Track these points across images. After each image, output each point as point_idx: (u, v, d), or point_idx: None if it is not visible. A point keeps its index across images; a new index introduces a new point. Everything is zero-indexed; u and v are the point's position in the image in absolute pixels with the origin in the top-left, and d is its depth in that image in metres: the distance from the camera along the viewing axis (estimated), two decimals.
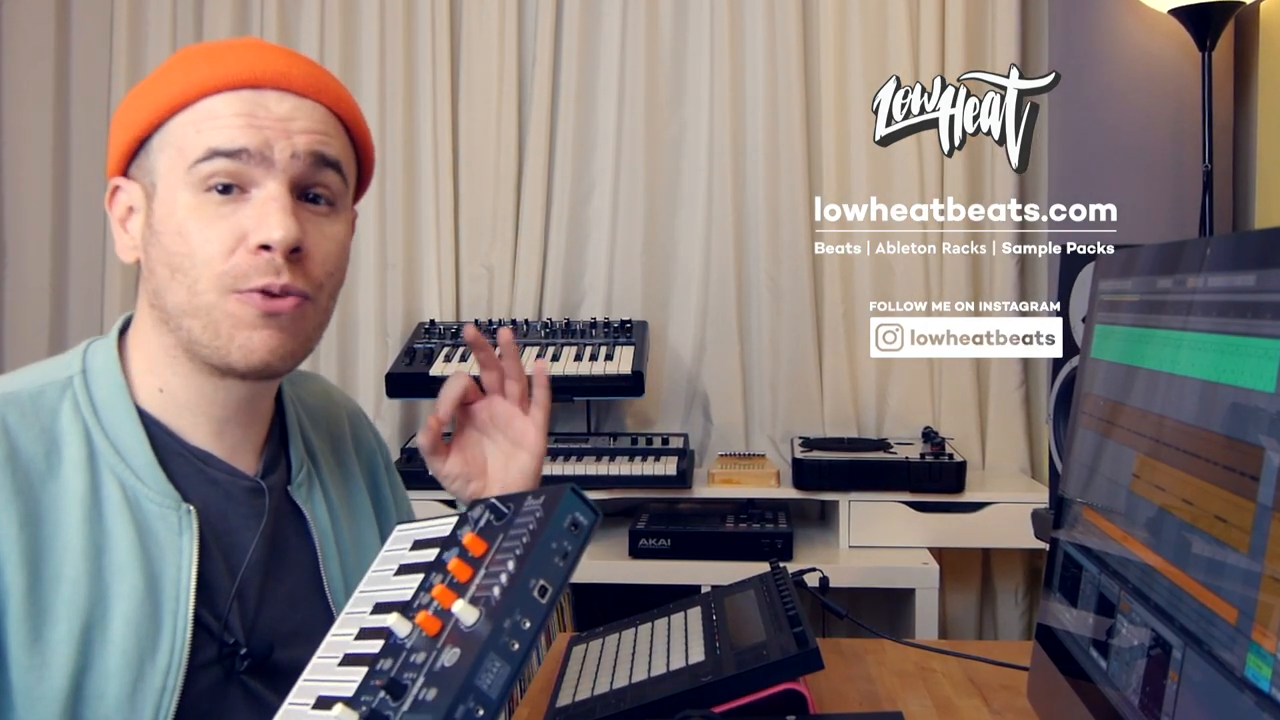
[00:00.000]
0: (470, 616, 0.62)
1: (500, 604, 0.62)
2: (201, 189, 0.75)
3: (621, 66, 2.43)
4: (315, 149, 0.78)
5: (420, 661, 0.63)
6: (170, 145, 0.77)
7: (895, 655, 1.34)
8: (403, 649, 0.65)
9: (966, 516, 2.08)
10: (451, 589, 0.66)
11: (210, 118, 0.76)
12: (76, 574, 0.72)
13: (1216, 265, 0.75)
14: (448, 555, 0.72)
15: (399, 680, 0.62)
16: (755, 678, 1.06)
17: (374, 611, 0.73)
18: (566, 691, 1.17)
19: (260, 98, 0.77)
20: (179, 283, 0.76)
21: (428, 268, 2.49)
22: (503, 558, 0.66)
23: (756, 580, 1.32)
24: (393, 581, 0.75)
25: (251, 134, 0.75)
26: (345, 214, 0.83)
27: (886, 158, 2.38)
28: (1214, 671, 0.66)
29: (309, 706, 0.67)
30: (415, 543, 0.79)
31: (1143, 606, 0.78)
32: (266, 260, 0.75)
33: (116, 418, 0.78)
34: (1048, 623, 1.02)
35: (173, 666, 0.74)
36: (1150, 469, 0.81)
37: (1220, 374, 0.70)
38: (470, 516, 0.75)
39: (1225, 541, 0.66)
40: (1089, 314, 1.03)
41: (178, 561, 0.76)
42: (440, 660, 0.62)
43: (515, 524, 0.70)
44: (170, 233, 0.76)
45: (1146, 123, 1.90)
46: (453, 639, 0.62)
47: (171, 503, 0.77)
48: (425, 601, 0.68)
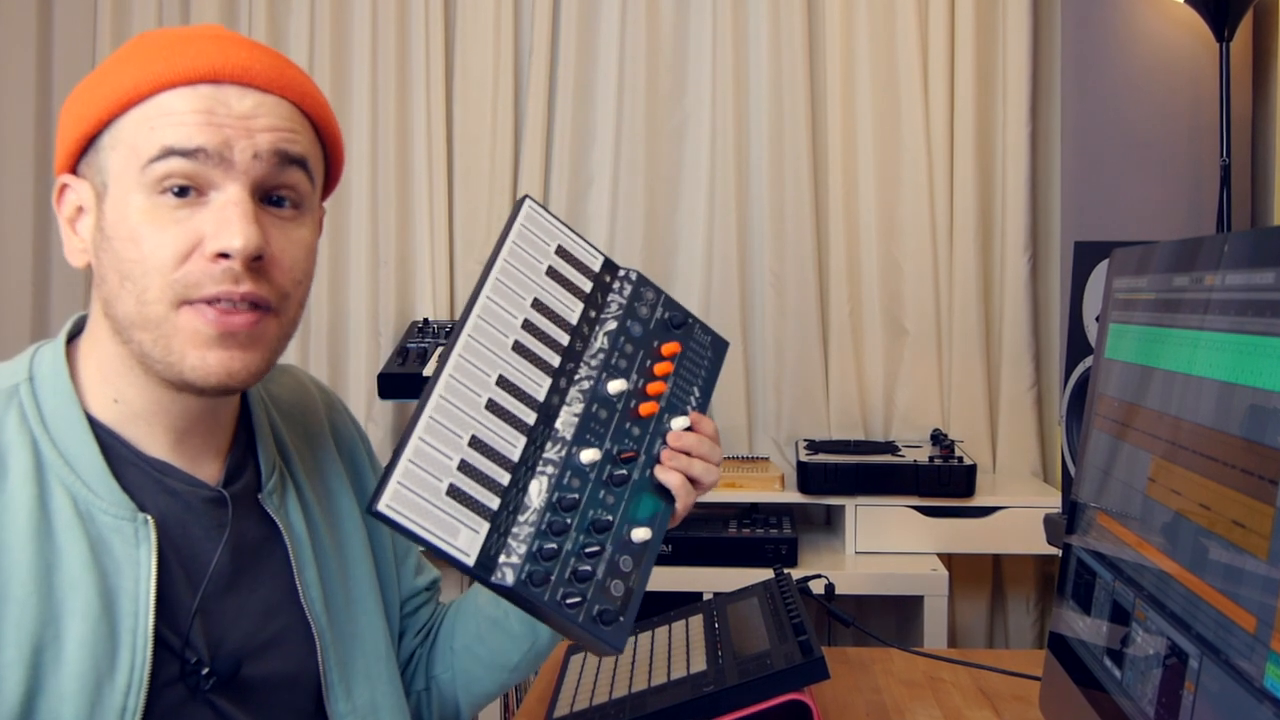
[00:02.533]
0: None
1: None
2: (156, 191, 0.72)
3: (621, 56, 2.43)
4: (279, 147, 0.75)
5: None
6: (122, 143, 0.74)
7: (903, 664, 1.34)
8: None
9: (977, 521, 2.08)
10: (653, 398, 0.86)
11: (165, 114, 0.73)
12: (24, 593, 0.70)
13: (1235, 262, 0.75)
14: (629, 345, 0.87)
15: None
16: (758, 688, 1.06)
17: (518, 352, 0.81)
18: (564, 702, 1.17)
19: (220, 93, 0.74)
20: (128, 291, 0.73)
21: (421, 265, 2.49)
22: (685, 386, 0.88)
23: (760, 587, 1.33)
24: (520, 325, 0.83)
25: (210, 132, 0.72)
26: (312, 215, 0.80)
27: (894, 150, 2.38)
28: (1232, 681, 0.66)
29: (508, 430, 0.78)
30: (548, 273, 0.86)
31: (1158, 614, 0.78)
32: (224, 269, 0.72)
33: (66, 427, 0.76)
34: (1060, 631, 1.02)
35: (133, 686, 0.72)
36: (1166, 472, 0.81)
37: (1239, 375, 0.70)
38: (636, 295, 0.90)
39: (1243, 547, 0.66)
40: (1103, 313, 1.03)
41: (135, 575, 0.74)
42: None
43: (692, 347, 0.91)
44: (122, 238, 0.73)
45: (1162, 116, 1.90)
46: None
47: (127, 513, 0.75)
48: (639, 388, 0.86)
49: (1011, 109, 2.35)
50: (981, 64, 2.36)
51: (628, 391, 0.85)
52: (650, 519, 0.82)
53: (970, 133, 2.36)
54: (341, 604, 0.88)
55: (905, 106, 2.38)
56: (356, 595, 0.90)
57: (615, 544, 0.79)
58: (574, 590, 0.76)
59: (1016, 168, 2.34)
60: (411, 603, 1.01)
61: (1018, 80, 2.33)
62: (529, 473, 0.78)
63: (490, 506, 0.74)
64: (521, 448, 0.78)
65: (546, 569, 0.75)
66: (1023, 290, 2.35)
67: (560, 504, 0.78)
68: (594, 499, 0.80)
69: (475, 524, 0.73)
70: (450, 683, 1.00)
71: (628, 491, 0.82)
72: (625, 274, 0.91)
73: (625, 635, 0.77)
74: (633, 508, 0.81)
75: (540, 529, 0.76)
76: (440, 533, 0.71)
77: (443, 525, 0.71)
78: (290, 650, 0.83)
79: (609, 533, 0.79)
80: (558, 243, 0.87)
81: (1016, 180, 2.34)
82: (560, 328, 0.84)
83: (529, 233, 0.85)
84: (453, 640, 1.00)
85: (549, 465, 0.79)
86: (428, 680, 1.01)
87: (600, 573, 0.77)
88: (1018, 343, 2.36)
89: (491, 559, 0.73)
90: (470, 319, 0.79)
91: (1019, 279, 2.35)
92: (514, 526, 0.76)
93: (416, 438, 0.72)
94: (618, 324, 0.87)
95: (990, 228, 2.40)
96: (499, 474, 0.76)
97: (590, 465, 0.80)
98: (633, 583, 0.79)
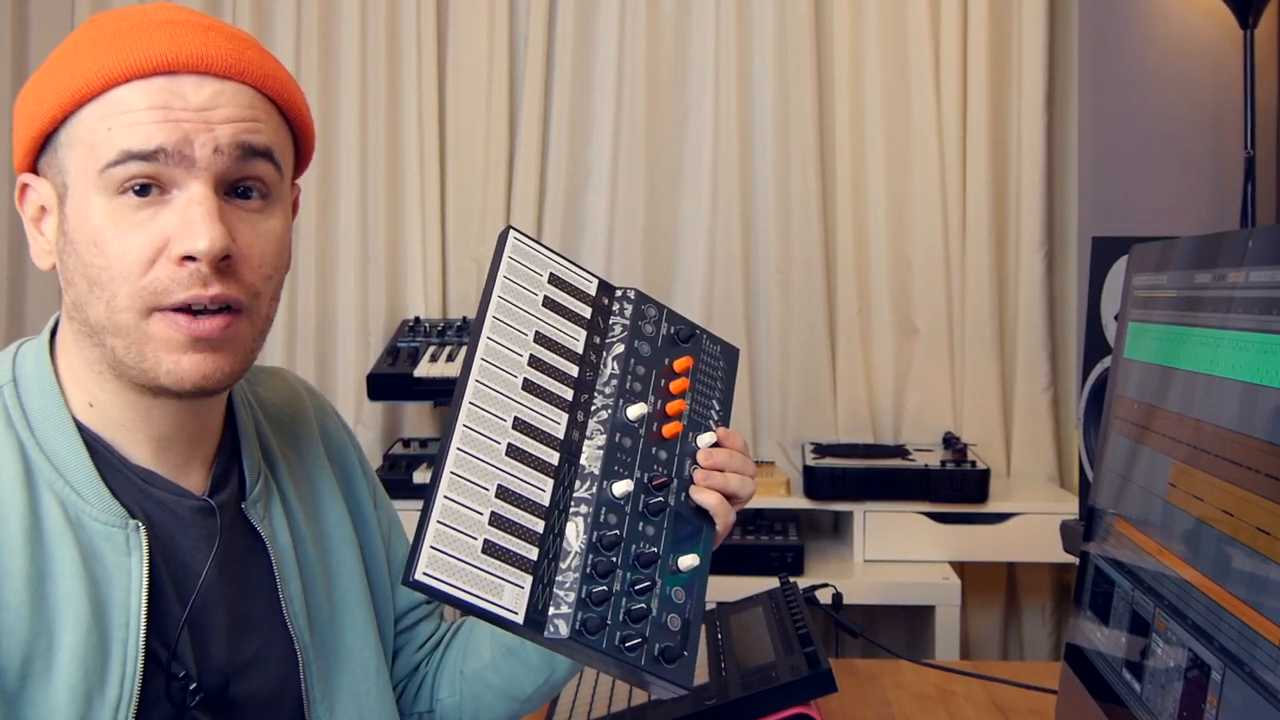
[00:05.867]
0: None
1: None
2: (116, 191, 0.72)
3: (620, 44, 2.43)
4: (241, 139, 0.74)
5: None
6: (80, 142, 0.73)
7: (914, 677, 1.34)
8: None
9: (990, 528, 2.08)
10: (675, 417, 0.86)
11: (121, 112, 0.72)
12: (18, 601, 0.70)
13: (1259, 259, 0.75)
14: (644, 365, 0.87)
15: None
16: (763, 701, 1.06)
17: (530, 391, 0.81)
18: (562, 714, 1.18)
19: (176, 85, 0.72)
20: (97, 297, 0.73)
21: (412, 262, 2.49)
22: (704, 400, 0.89)
23: (765, 597, 1.33)
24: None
25: (167, 130, 0.71)
26: (282, 203, 0.79)
27: (905, 141, 2.38)
28: (1256, 694, 0.66)
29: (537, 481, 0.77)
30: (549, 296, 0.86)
31: (1179, 625, 0.78)
32: (190, 272, 0.72)
33: (53, 430, 0.75)
34: (1077, 642, 1.02)
35: (123, 701, 0.72)
36: (1187, 477, 0.81)
37: (1263, 375, 0.70)
38: (637, 311, 0.90)
39: (1268, 555, 0.66)
40: (1122, 311, 1.03)
41: (126, 585, 0.74)
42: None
43: (704, 359, 0.91)
44: (85, 242, 0.73)
45: (1183, 106, 1.90)
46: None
47: (118, 520, 0.75)
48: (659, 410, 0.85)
49: (1027, 99, 2.35)
50: (995, 51, 2.36)
51: (648, 415, 0.84)
52: (695, 544, 0.81)
53: (984, 123, 2.36)
54: (326, 618, 0.87)
55: (916, 96, 2.38)
56: (342, 608, 0.89)
57: (664, 576, 0.78)
58: (631, 631, 0.74)
59: (1032, 160, 2.34)
60: (411, 616, 1.00)
61: (1033, 68, 2.33)
62: (563, 515, 0.76)
63: (529, 558, 0.72)
64: (550, 490, 0.76)
65: (600, 614, 0.73)
66: (1038, 288, 2.35)
67: (601, 543, 0.76)
68: (635, 532, 0.78)
69: (518, 579, 0.71)
70: (457, 707, 0.99)
71: (667, 519, 0.80)
72: (623, 293, 0.90)
73: (691, 671, 0.76)
74: (674, 535, 0.80)
75: (585, 572, 0.74)
76: (484, 593, 0.69)
77: (485, 585, 0.69)
78: (273, 668, 0.83)
79: (655, 565, 0.78)
80: (549, 271, 0.86)
81: (1032, 173, 2.34)
82: (567, 359, 0.83)
83: (519, 265, 0.84)
84: (463, 664, 0.99)
85: (582, 504, 0.78)
86: (432, 703, 1.00)
87: (655, 608, 0.76)
88: (1033, 342, 2.36)
89: (541, 613, 0.72)
90: (474, 363, 0.77)
91: (1034, 276, 2.35)
92: (557, 575, 0.74)
93: (442, 497, 0.70)
94: (625, 346, 0.87)
95: (1004, 223, 2.40)
96: (532, 522, 0.74)
97: (624, 497, 0.79)
98: (689, 614, 0.78)
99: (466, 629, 1.02)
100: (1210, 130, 1.88)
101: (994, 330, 2.37)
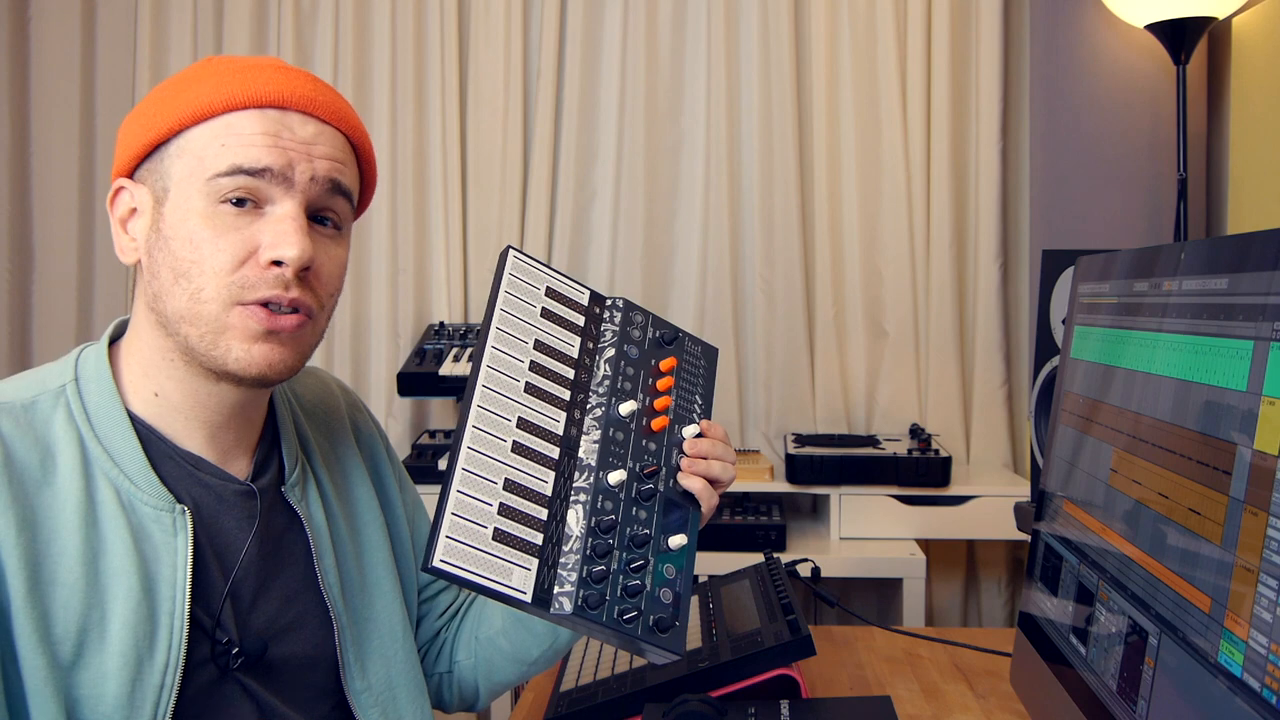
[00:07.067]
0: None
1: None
2: (217, 200, 0.74)
3: (622, 80, 2.43)
4: (333, 176, 0.78)
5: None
6: (189, 154, 0.75)
7: (884, 642, 1.34)
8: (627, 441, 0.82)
9: (952, 509, 2.08)
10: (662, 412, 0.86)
11: (235, 133, 0.74)
12: (73, 578, 0.71)
13: (1191, 269, 0.75)
14: (629, 364, 0.87)
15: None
16: (750, 663, 1.06)
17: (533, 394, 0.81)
18: (570, 677, 1.18)
19: (285, 119, 0.76)
20: (182, 288, 0.74)
21: (437, 272, 2.49)
22: (687, 395, 0.89)
23: (751, 570, 1.33)
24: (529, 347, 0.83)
25: (276, 154, 0.74)
26: (347, 237, 0.82)
27: (876, 165, 2.38)
28: (1188, 657, 0.66)
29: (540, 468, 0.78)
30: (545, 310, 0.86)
31: (1120, 595, 0.78)
32: (276, 275, 0.74)
33: (109, 423, 0.76)
34: (1030, 611, 1.02)
35: (170, 665, 0.73)
36: (1127, 464, 0.81)
37: (1194, 373, 0.70)
38: (626, 318, 0.90)
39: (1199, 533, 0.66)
40: (1069, 315, 1.03)
41: (173, 562, 0.75)
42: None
43: (686, 359, 0.91)
44: (181, 239, 0.74)
45: (1124, 132, 1.90)
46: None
47: (166, 505, 0.76)
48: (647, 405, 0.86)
49: (984, 127, 2.35)
50: (956, 85, 2.36)
51: (638, 411, 0.85)
52: (683, 525, 0.82)
53: (946, 149, 2.36)
54: (357, 589, 0.88)
55: (885, 125, 2.38)
56: (372, 580, 0.90)
57: (656, 554, 0.79)
58: (628, 605, 0.75)
59: (989, 181, 2.34)
60: (431, 588, 1.01)
61: (990, 100, 2.33)
62: (564, 504, 0.77)
63: (535, 543, 0.73)
64: (552, 482, 0.77)
65: (599, 591, 0.74)
66: (994, 295, 2.35)
67: (599, 527, 0.77)
68: (629, 516, 0.79)
69: (525, 562, 0.72)
70: (472, 669, 1.00)
71: (657, 504, 0.81)
72: (613, 302, 0.90)
73: (683, 639, 0.76)
74: (664, 518, 0.81)
75: (585, 554, 0.75)
76: (495, 576, 0.70)
77: (495, 569, 0.70)
78: (310, 633, 0.83)
79: (648, 545, 0.79)
80: (546, 284, 0.86)
81: (989, 193, 2.34)
82: (564, 363, 0.83)
83: (518, 280, 0.84)
84: (477, 631, 1.00)
85: (581, 493, 0.78)
86: (451, 664, 1.01)
87: (648, 584, 0.77)
88: (990, 343, 2.36)
89: (546, 592, 0.72)
90: (481, 370, 0.78)
91: (991, 284, 2.35)
92: (560, 557, 0.75)
93: (455, 491, 0.71)
94: (615, 350, 0.87)
95: (964, 237, 2.40)
96: (537, 510, 0.75)
97: (619, 486, 0.80)
98: (679, 588, 0.78)
99: (481, 600, 1.02)
100: (1147, 155, 1.88)
101: (955, 333, 2.37)
